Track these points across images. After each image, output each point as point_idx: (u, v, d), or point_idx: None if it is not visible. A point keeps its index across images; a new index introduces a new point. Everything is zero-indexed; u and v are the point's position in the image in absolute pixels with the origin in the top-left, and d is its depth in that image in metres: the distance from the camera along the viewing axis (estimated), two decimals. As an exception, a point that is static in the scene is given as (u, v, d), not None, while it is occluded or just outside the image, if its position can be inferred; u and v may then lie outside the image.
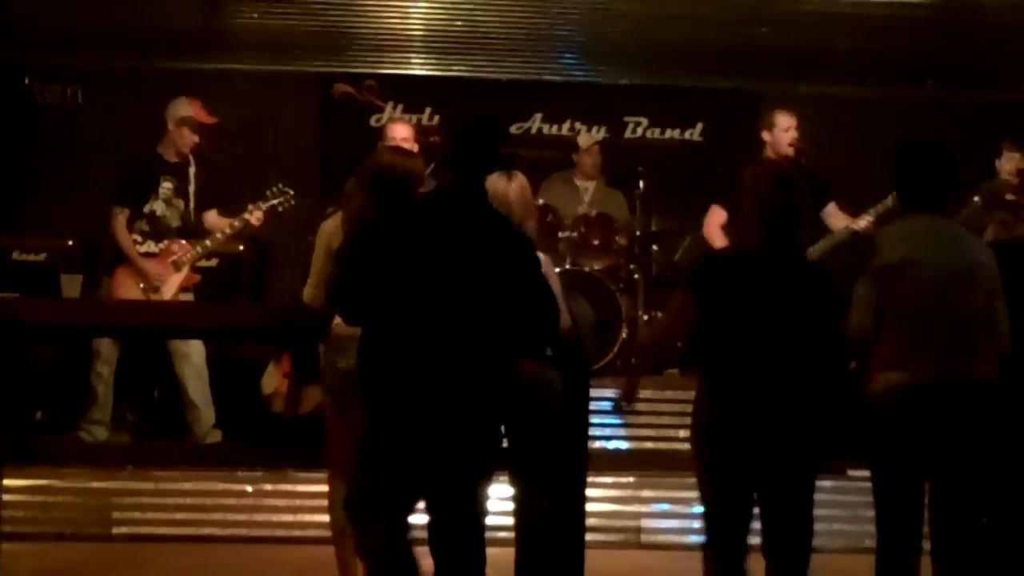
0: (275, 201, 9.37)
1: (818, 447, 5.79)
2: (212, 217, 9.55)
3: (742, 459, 5.64)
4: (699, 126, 12.52)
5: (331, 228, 6.67)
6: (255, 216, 9.34)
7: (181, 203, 9.43)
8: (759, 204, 5.72)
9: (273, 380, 9.65)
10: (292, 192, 9.42)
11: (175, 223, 9.40)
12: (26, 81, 11.54)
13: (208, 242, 9.38)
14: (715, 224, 9.67)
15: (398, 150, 7.35)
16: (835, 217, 9.42)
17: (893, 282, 5.69)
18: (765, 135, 9.50)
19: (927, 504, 5.87)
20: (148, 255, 9.31)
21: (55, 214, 10.83)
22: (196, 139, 9.40)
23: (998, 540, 6.24)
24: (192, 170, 9.48)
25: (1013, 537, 6.40)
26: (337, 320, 6.47)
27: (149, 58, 11.82)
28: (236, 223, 9.36)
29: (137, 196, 9.28)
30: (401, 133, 9.16)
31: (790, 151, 9.30)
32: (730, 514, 5.76)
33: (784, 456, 5.64)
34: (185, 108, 9.40)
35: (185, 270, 9.30)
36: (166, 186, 9.37)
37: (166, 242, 9.34)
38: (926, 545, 5.86)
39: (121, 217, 9.26)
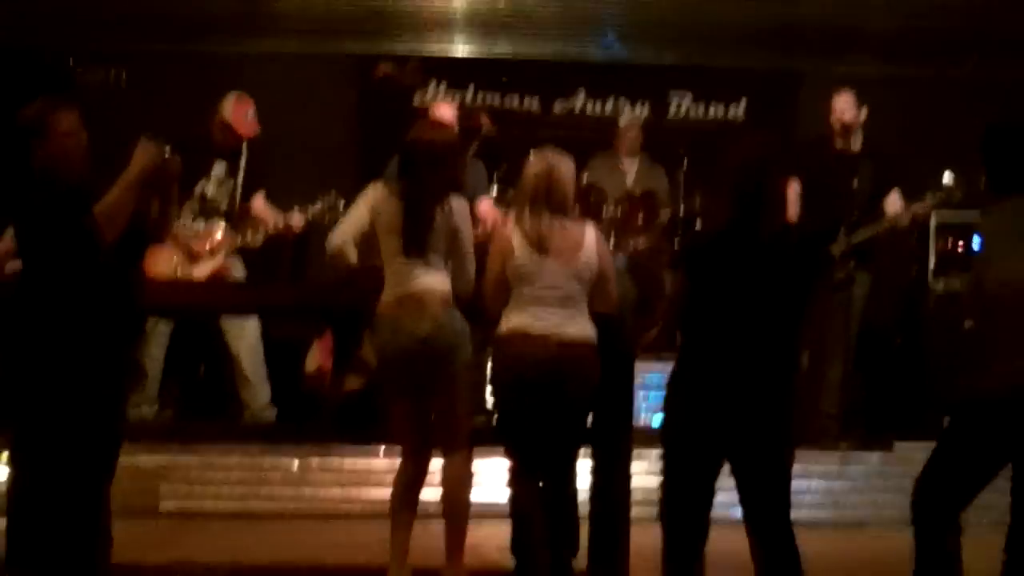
0: (321, 209, 9.33)
1: (789, 419, 5.74)
2: (259, 202, 9.55)
3: (713, 428, 5.61)
4: (742, 104, 12.50)
5: (380, 196, 6.64)
6: (295, 221, 9.33)
7: (231, 183, 9.44)
8: (730, 182, 5.75)
9: (316, 358, 9.69)
10: (342, 203, 9.37)
11: (224, 205, 9.42)
12: (71, 63, 11.58)
13: (248, 236, 9.37)
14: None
15: (429, 123, 7.39)
16: (893, 206, 9.30)
17: (995, 270, 5.59)
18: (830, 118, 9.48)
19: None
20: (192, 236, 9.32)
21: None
22: (228, 143, 9.44)
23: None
24: (244, 154, 9.50)
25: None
26: (383, 297, 6.52)
27: (192, 40, 11.86)
28: (279, 224, 9.35)
29: (189, 176, 9.26)
30: (444, 114, 9.16)
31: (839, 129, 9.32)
32: (693, 485, 5.75)
33: (757, 428, 5.58)
34: (228, 111, 9.43)
35: (220, 257, 9.29)
36: (218, 167, 9.40)
37: (212, 224, 9.36)
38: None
39: None
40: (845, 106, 9.36)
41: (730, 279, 5.61)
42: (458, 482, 6.57)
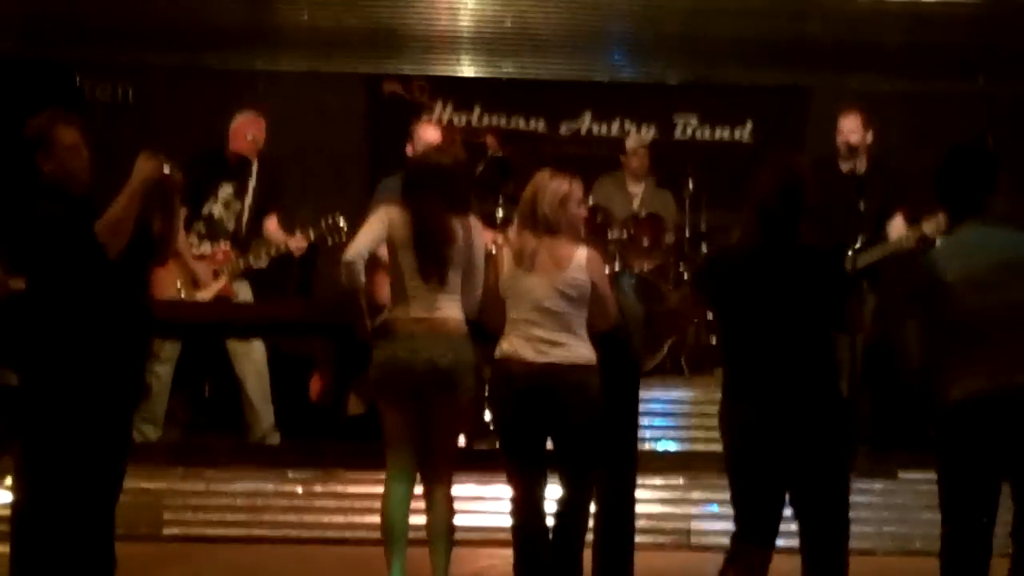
0: (324, 232, 9.33)
1: (846, 438, 5.77)
2: (272, 224, 9.52)
3: (767, 454, 5.61)
4: (748, 125, 12.48)
5: (396, 214, 6.58)
6: (295, 245, 9.34)
7: (239, 205, 9.43)
8: (757, 203, 5.75)
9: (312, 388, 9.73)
10: (345, 228, 9.36)
11: (231, 226, 9.41)
12: (77, 80, 11.57)
13: (251, 258, 9.35)
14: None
15: (436, 146, 7.39)
16: (897, 229, 9.26)
17: (948, 298, 5.66)
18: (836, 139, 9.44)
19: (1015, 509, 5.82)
20: (198, 257, 9.30)
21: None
22: (230, 158, 9.45)
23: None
24: (254, 172, 9.48)
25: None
26: (395, 313, 6.51)
27: (199, 56, 11.86)
28: (281, 247, 9.36)
29: (196, 197, 9.25)
30: (430, 137, 9.15)
31: (844, 151, 9.28)
32: (759, 509, 5.74)
33: (810, 449, 5.59)
34: (233, 124, 9.46)
35: (223, 279, 9.29)
36: (226, 188, 9.39)
37: (218, 246, 9.35)
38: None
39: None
40: (851, 127, 9.31)
41: (765, 300, 5.62)
42: (446, 507, 6.58)
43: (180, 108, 11.46)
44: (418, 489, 6.66)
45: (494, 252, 6.95)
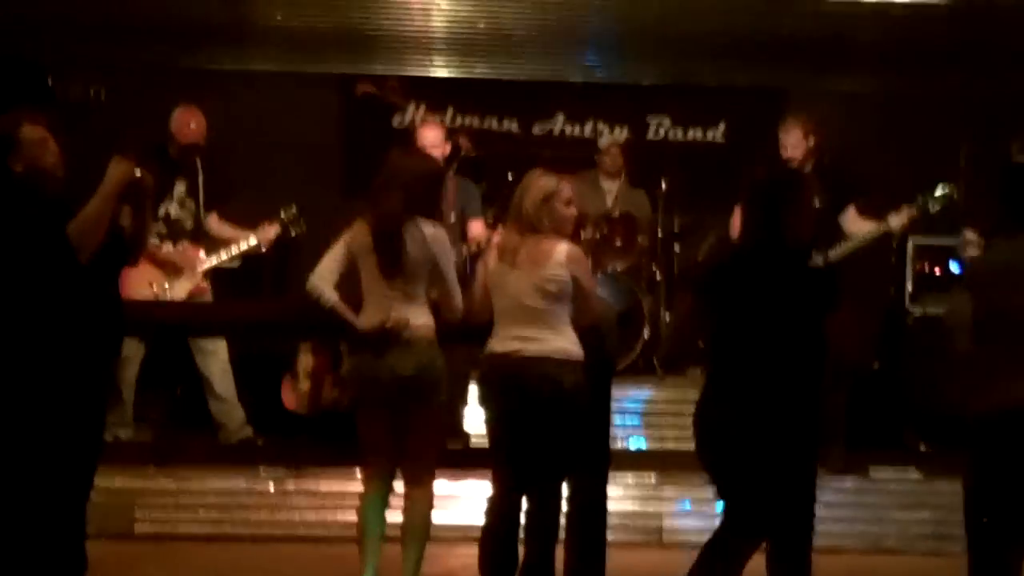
0: (286, 224, 9.34)
1: (812, 440, 5.79)
2: (213, 221, 9.50)
3: (737, 451, 5.63)
4: (721, 126, 12.51)
5: (357, 227, 6.59)
6: (264, 238, 9.34)
7: (193, 204, 9.40)
8: (744, 206, 5.80)
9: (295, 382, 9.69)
10: (303, 219, 9.39)
11: (189, 224, 9.38)
12: (49, 80, 11.53)
13: (223, 255, 9.34)
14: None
15: (410, 151, 7.40)
16: (854, 222, 9.25)
17: (989, 300, 5.66)
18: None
19: None
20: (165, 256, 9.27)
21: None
22: (179, 155, 9.40)
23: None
24: (200, 171, 9.46)
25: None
26: (362, 319, 6.50)
27: (172, 56, 11.83)
28: (252, 241, 9.34)
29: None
30: (431, 138, 9.14)
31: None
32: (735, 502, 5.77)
33: (778, 449, 5.61)
34: (171, 122, 9.42)
35: (197, 277, 9.27)
36: (179, 187, 9.36)
37: (181, 245, 9.32)
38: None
39: None
40: (790, 141, 9.29)
41: (753, 299, 5.65)
42: (421, 511, 6.58)
43: (153, 107, 11.39)
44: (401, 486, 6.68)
45: (477, 250, 6.98)
